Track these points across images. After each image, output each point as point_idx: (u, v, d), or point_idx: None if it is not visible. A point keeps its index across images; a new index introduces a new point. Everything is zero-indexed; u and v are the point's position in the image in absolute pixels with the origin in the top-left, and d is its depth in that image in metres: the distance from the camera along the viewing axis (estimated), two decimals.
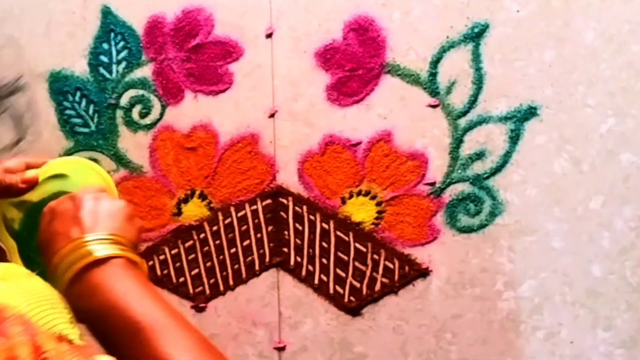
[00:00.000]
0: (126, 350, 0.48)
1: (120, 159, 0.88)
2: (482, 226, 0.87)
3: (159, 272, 0.90)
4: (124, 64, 0.88)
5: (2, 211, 0.64)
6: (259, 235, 0.89)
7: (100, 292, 0.50)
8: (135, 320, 0.49)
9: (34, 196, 0.69)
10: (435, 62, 0.86)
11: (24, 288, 0.47)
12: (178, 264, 0.89)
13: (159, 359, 0.47)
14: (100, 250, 0.51)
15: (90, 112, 0.88)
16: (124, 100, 0.88)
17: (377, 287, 0.88)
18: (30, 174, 0.63)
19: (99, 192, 0.58)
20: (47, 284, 0.48)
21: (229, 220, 0.89)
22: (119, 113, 0.88)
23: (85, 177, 0.71)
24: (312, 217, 0.88)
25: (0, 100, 0.46)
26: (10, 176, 0.61)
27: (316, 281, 0.89)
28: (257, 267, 0.89)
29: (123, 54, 0.88)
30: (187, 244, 0.89)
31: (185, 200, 0.89)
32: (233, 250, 0.89)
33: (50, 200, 0.73)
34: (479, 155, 0.86)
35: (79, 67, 0.88)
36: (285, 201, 0.88)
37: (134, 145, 0.89)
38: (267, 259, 0.89)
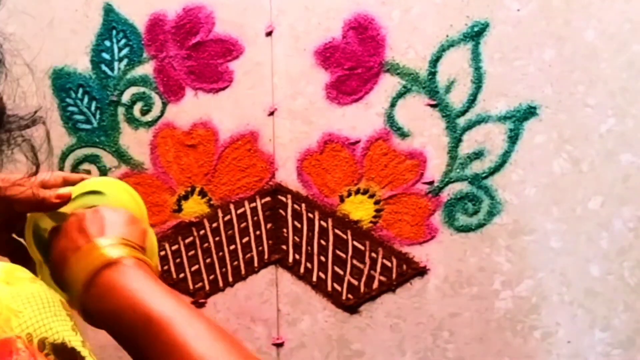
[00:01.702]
0: (144, 346, 0.50)
1: (121, 156, 0.89)
2: (480, 225, 0.87)
3: (159, 268, 0.90)
4: (125, 61, 0.88)
5: (35, 221, 0.65)
6: (258, 232, 0.89)
7: (115, 292, 0.51)
8: (150, 314, 0.50)
9: (69, 209, 0.69)
10: (435, 61, 0.86)
11: (27, 293, 0.48)
12: (178, 260, 0.90)
13: (176, 348, 0.48)
14: (111, 252, 0.52)
15: (93, 108, 0.89)
16: (126, 98, 0.89)
17: (375, 285, 0.89)
18: (65, 190, 0.63)
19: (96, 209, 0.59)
20: (51, 290, 0.49)
21: (228, 217, 0.89)
22: (121, 110, 0.89)
23: (120, 196, 0.71)
24: (310, 215, 0.89)
25: (16, 132, 0.46)
26: (44, 191, 0.61)
27: (314, 278, 0.89)
28: (256, 264, 0.90)
29: (125, 51, 0.88)
30: (187, 241, 0.90)
31: (186, 197, 0.89)
32: (232, 247, 0.90)
33: None
34: (478, 155, 0.86)
35: (82, 64, 0.89)
36: (284, 199, 0.89)
37: (135, 142, 0.89)
38: (266, 256, 0.90)
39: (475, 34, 0.85)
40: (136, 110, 0.89)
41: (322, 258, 0.89)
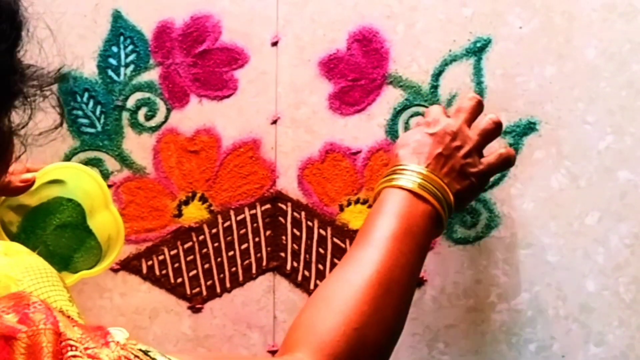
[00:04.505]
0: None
1: (124, 160, 0.90)
2: (477, 238, 0.88)
3: (157, 272, 0.91)
4: (131, 67, 0.89)
5: (0, 217, 0.67)
6: (257, 239, 0.90)
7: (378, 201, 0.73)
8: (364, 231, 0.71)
9: (32, 201, 0.71)
10: (437, 75, 0.87)
11: (26, 264, 0.50)
12: (176, 265, 0.91)
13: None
14: (403, 180, 0.72)
15: (97, 113, 0.90)
16: (130, 103, 0.90)
17: None
18: (28, 175, 0.65)
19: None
20: (47, 263, 0.51)
21: (228, 223, 0.90)
22: (125, 115, 0.90)
23: (82, 182, 0.73)
24: (310, 223, 0.89)
25: (46, 87, 0.49)
26: (9, 176, 0.63)
27: (312, 286, 0.90)
28: (254, 271, 0.91)
29: (131, 57, 0.89)
30: (186, 246, 0.91)
31: (186, 202, 0.90)
32: (231, 253, 0.90)
33: (48, 205, 0.76)
34: None
35: (88, 69, 0.90)
36: (284, 207, 0.90)
37: (138, 146, 0.90)
38: (264, 263, 0.90)
39: (478, 50, 0.86)
40: (140, 115, 0.90)
41: (320, 266, 0.90)
